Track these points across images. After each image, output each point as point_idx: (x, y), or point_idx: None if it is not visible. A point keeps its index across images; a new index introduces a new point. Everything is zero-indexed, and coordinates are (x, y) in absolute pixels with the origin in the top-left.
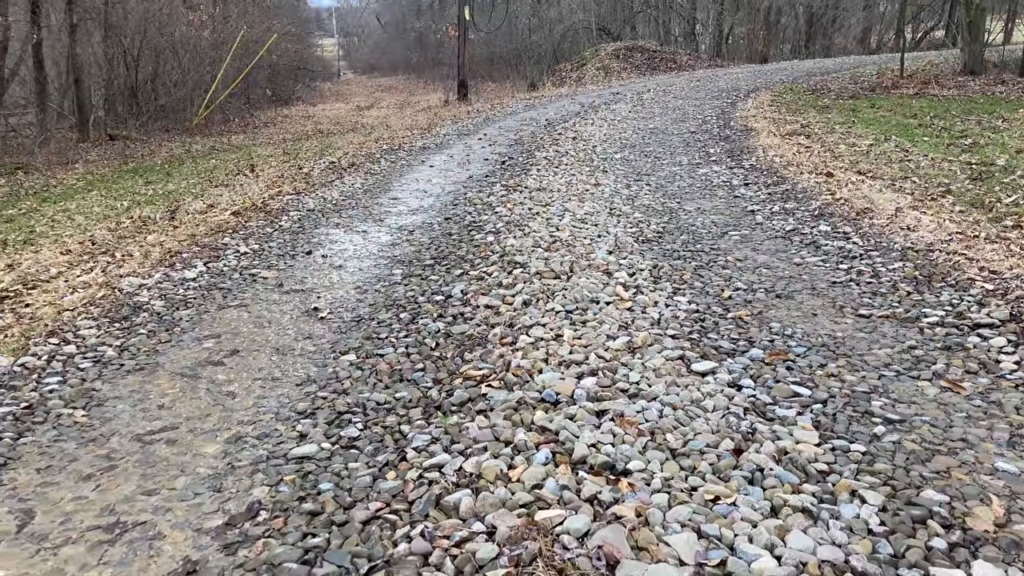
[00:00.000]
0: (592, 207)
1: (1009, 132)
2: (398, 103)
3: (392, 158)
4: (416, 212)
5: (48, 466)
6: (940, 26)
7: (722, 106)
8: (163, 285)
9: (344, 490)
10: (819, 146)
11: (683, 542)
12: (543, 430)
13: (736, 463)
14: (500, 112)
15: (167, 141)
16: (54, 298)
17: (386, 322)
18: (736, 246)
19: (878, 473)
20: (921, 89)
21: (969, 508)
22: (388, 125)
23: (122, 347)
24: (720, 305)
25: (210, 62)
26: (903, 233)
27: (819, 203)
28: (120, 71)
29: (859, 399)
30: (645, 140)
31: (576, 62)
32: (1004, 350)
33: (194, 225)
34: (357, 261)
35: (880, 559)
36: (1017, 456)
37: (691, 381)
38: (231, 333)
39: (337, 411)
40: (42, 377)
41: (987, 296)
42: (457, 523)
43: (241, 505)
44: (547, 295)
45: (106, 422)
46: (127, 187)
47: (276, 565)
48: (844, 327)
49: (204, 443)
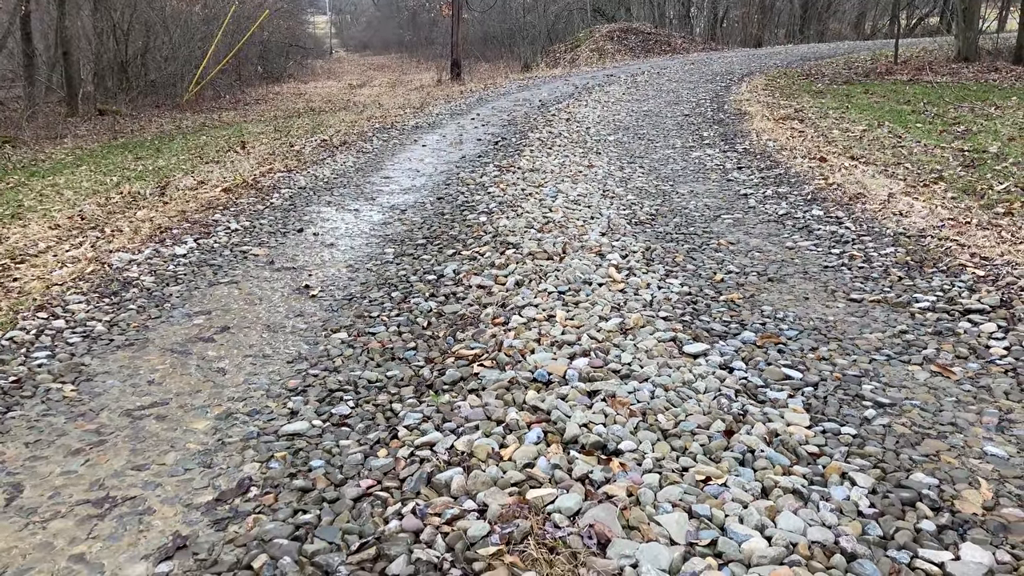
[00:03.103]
0: (585, 188)
1: (1002, 120)
2: (390, 82)
3: (384, 137)
4: (408, 191)
5: (37, 440)
6: (934, 13)
7: (716, 89)
8: (153, 261)
9: (335, 467)
10: (813, 131)
11: (674, 522)
12: (535, 410)
13: (727, 444)
14: (493, 92)
15: (157, 117)
16: (43, 272)
17: (378, 301)
18: (729, 229)
19: (868, 456)
20: (915, 75)
21: (958, 491)
22: (380, 104)
23: (112, 322)
24: (712, 288)
25: (201, 38)
26: (895, 219)
27: (812, 188)
28: (110, 45)
29: (850, 382)
30: (639, 122)
31: (570, 43)
32: (994, 335)
33: (184, 201)
34: (349, 239)
35: (869, 540)
36: (1006, 440)
37: (683, 363)
38: (222, 310)
39: (328, 389)
40: (31, 351)
41: (978, 282)
42: (448, 501)
43: (231, 481)
44: (540, 276)
45: (95, 397)
46: (117, 162)
47: (267, 541)
48: (836, 311)
49: (194, 419)
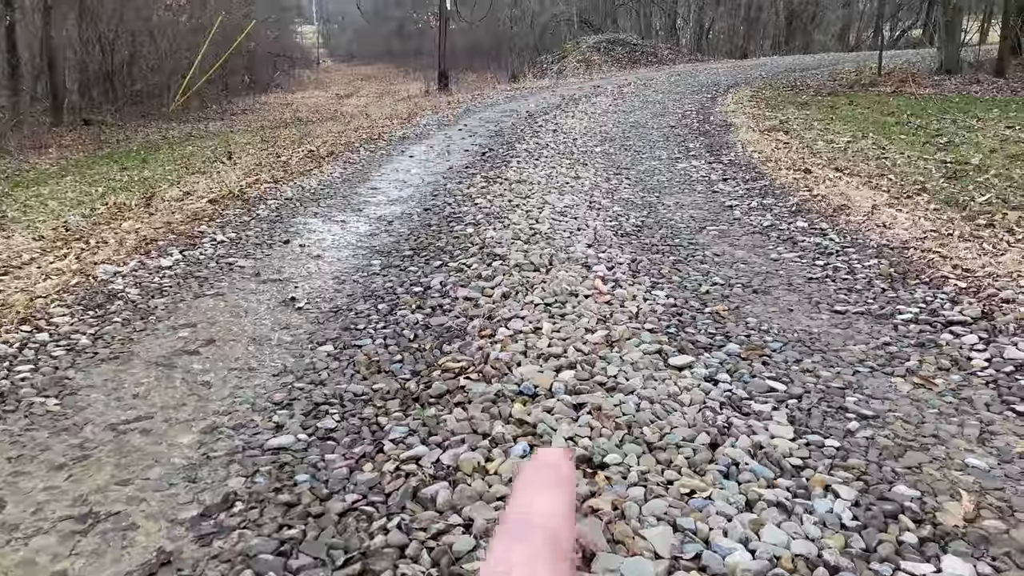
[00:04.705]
0: (572, 200)
1: (983, 131)
2: (378, 92)
3: (371, 148)
4: (395, 202)
5: (20, 455)
6: (918, 25)
7: (702, 101)
8: (138, 273)
9: (321, 481)
10: (797, 142)
11: (659, 535)
12: (521, 423)
13: (712, 457)
14: (481, 103)
15: (143, 127)
16: (26, 285)
17: (364, 313)
18: (714, 241)
19: (851, 468)
20: (898, 87)
21: (940, 503)
22: (368, 114)
23: (96, 335)
24: (698, 299)
25: (188, 47)
26: (879, 230)
27: (797, 199)
28: (95, 55)
29: (834, 395)
30: (625, 134)
31: (557, 54)
32: (975, 347)
33: (170, 212)
34: (335, 251)
35: (852, 553)
36: (987, 452)
37: (668, 375)
38: (207, 322)
39: (314, 402)
40: (14, 365)
41: (960, 294)
42: (434, 515)
43: (216, 496)
44: (526, 288)
45: (79, 411)
46: (102, 173)
47: (251, 556)
48: (820, 323)
49: (179, 433)
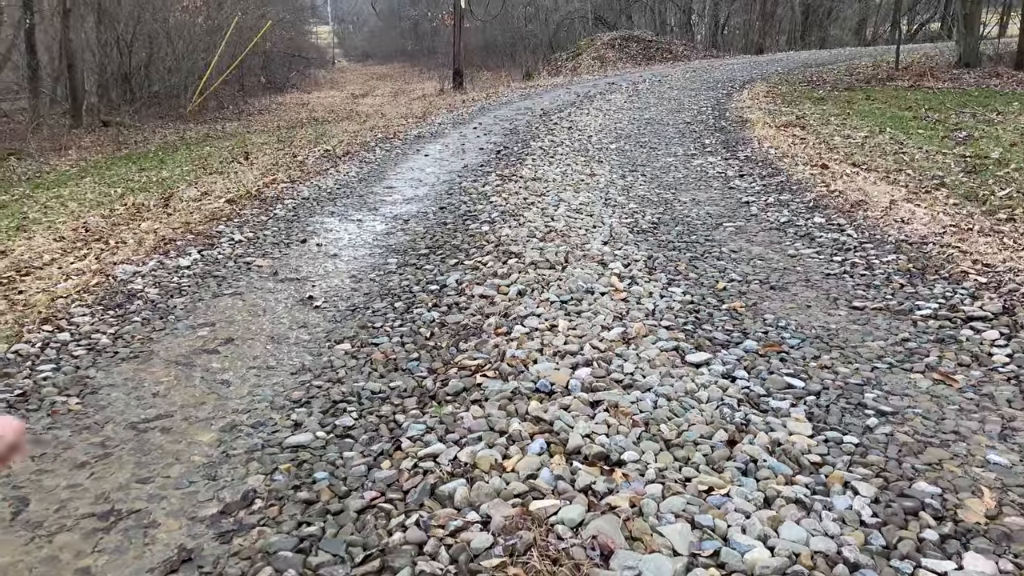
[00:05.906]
0: (587, 197)
1: (1003, 125)
2: (393, 91)
3: (387, 147)
4: (411, 201)
5: (42, 453)
6: (936, 18)
7: (717, 97)
8: (157, 273)
9: (339, 479)
10: (814, 138)
11: (677, 533)
12: (538, 420)
13: (730, 454)
14: (495, 101)
15: (161, 128)
16: (48, 285)
17: (381, 311)
18: (731, 237)
19: (871, 465)
20: (916, 81)
21: (961, 500)
22: (383, 113)
23: (116, 335)
24: (714, 296)
25: (204, 48)
26: (897, 225)
27: (814, 195)
28: (114, 57)
29: (852, 391)
30: (640, 130)
31: (572, 52)
32: (996, 343)
33: (188, 212)
34: (352, 250)
35: (872, 550)
36: (1008, 449)
37: (685, 372)
38: (226, 321)
39: (332, 400)
40: (36, 364)
41: (980, 289)
42: (452, 512)
43: (236, 493)
44: (542, 285)
45: (100, 410)
46: (121, 174)
47: (271, 553)
48: (838, 319)
49: (199, 431)
